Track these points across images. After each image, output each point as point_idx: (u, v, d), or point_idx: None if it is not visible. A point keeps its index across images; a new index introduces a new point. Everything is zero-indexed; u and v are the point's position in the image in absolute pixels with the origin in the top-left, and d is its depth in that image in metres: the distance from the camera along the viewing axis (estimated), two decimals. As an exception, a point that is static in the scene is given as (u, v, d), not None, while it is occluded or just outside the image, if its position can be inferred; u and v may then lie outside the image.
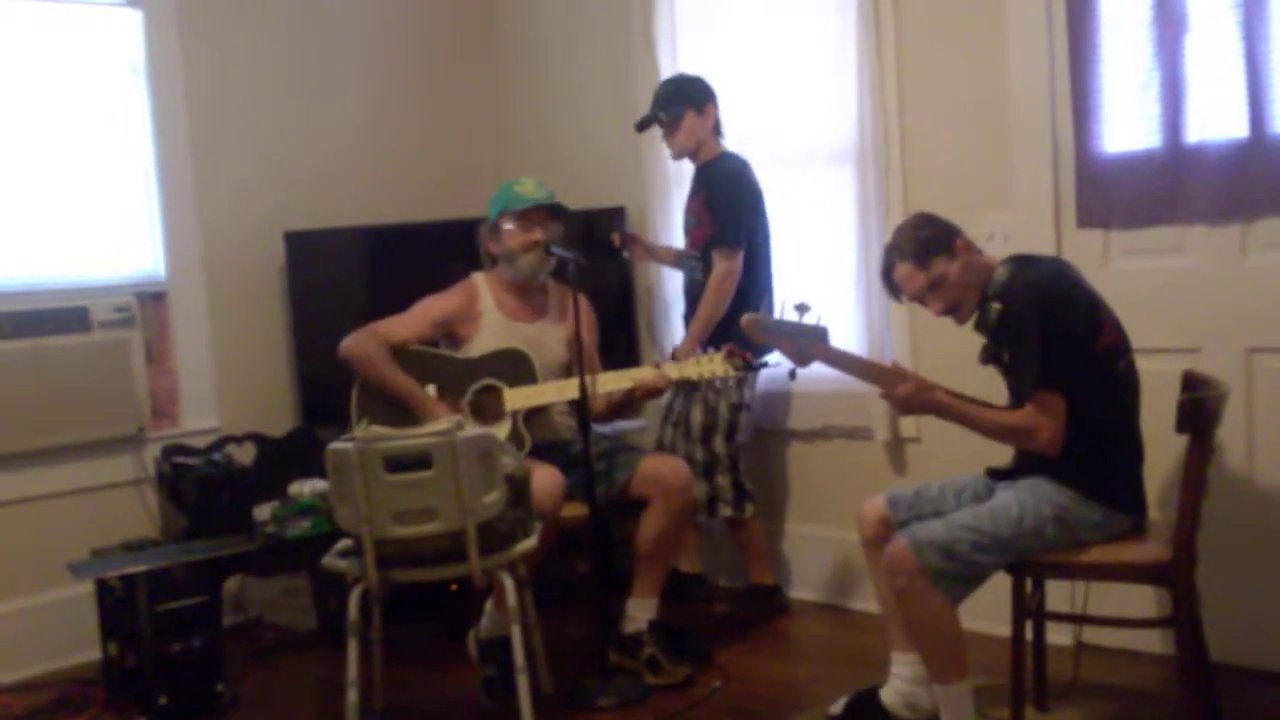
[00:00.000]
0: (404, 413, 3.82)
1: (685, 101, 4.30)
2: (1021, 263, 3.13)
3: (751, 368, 3.86)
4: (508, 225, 3.91)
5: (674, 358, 4.20)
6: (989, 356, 3.19)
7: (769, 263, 4.33)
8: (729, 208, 4.22)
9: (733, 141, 4.41)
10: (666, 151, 4.56)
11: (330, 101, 5.16)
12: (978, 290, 3.15)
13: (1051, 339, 2.97)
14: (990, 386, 3.25)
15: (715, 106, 4.33)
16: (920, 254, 3.14)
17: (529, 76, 5.47)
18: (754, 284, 4.26)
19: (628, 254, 4.60)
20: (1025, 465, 3.13)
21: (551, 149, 5.37)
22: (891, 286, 3.26)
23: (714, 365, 3.73)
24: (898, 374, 3.15)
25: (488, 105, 5.62)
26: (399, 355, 3.89)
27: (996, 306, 3.10)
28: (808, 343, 3.21)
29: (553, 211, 3.97)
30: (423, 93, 5.46)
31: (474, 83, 5.62)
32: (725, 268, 4.18)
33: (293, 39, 5.06)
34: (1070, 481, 3.00)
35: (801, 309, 3.19)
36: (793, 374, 3.30)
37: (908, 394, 3.10)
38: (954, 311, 3.19)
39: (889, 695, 3.34)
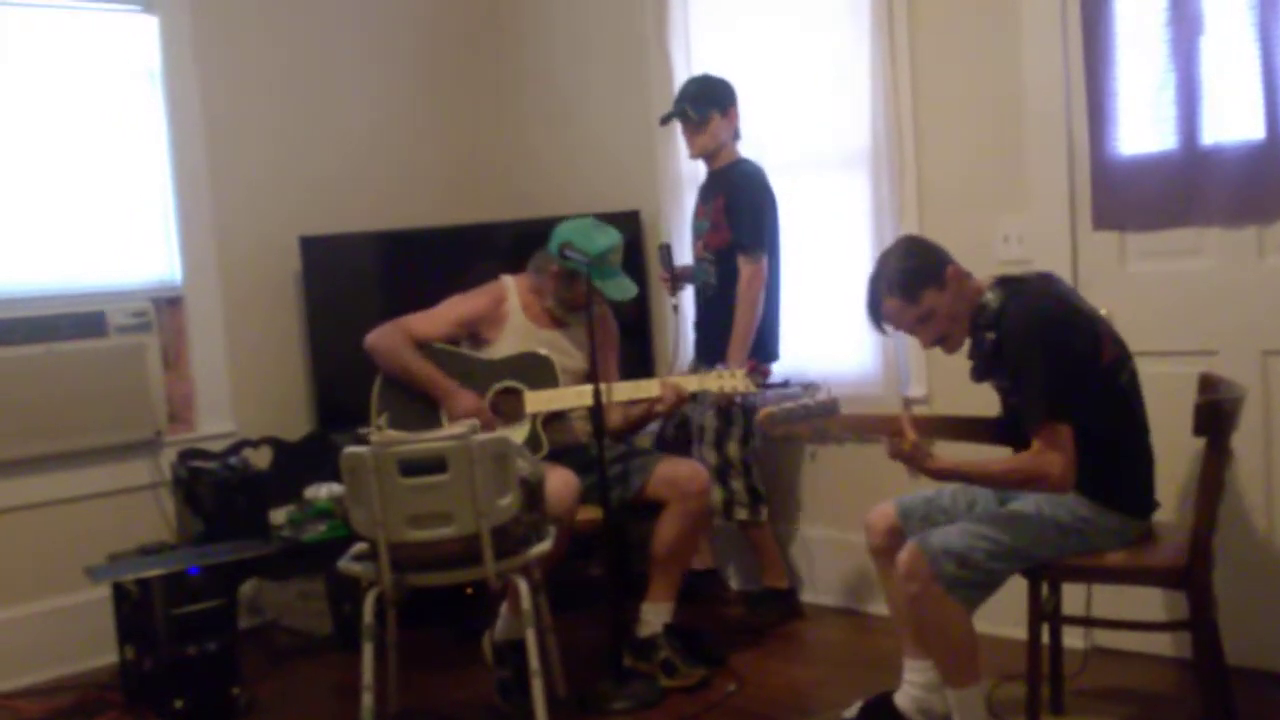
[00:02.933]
0: (425, 408, 3.83)
1: (713, 103, 4.30)
2: (1011, 288, 3.05)
3: (769, 387, 3.87)
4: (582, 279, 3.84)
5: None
6: (980, 375, 3.15)
7: (778, 270, 4.33)
8: (752, 212, 4.21)
9: (747, 145, 4.41)
10: (680, 154, 4.57)
11: (344, 106, 5.18)
12: (967, 318, 3.09)
13: (1055, 370, 2.90)
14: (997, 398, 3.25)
15: (738, 111, 4.34)
16: (909, 288, 3.05)
17: (542, 80, 5.48)
18: (772, 290, 4.26)
19: (676, 302, 4.53)
20: None
21: (565, 152, 5.38)
22: (877, 320, 3.16)
23: (735, 381, 3.73)
24: (897, 428, 3.08)
25: (501, 109, 5.63)
26: (422, 351, 3.92)
27: (990, 336, 3.04)
28: (823, 421, 3.18)
29: None
30: (436, 97, 5.48)
31: (487, 87, 5.63)
32: (751, 271, 4.17)
33: (307, 44, 5.08)
34: (1087, 492, 2.98)
35: (811, 389, 3.18)
36: (813, 454, 3.29)
37: (901, 453, 3.05)
38: (943, 342, 3.13)
39: (902, 700, 3.33)
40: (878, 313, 3.14)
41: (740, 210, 4.22)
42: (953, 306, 3.07)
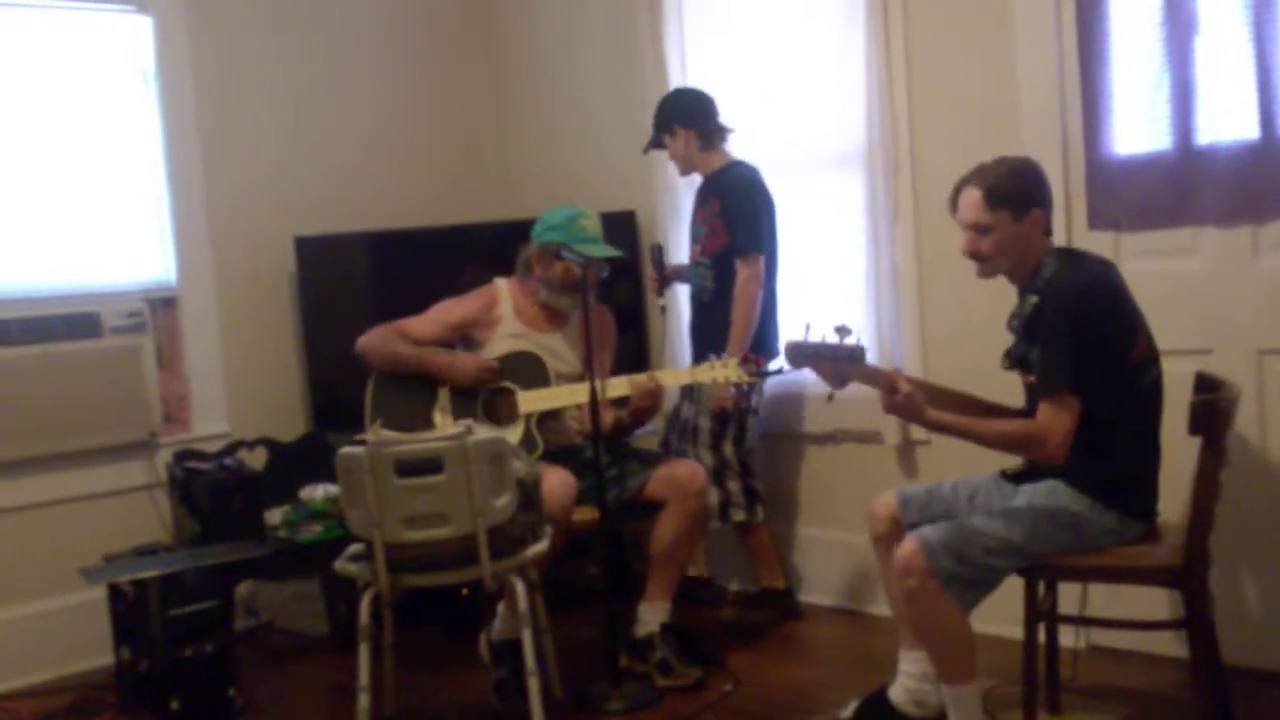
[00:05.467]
0: (419, 411, 3.83)
1: (660, 129, 4.38)
2: (1068, 260, 3.07)
3: (764, 374, 3.86)
4: (569, 257, 3.84)
5: None
6: (1014, 360, 3.15)
7: (775, 270, 4.33)
8: (748, 214, 4.21)
9: (742, 145, 4.41)
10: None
11: (340, 106, 5.18)
12: (1016, 260, 3.08)
13: (1082, 345, 2.92)
14: (1000, 392, 3.25)
15: (691, 125, 4.32)
16: (995, 195, 3.04)
17: (537, 82, 5.48)
18: (768, 289, 4.26)
19: (663, 302, 4.56)
20: (1040, 468, 3.10)
21: (559, 153, 5.38)
22: (955, 201, 3.16)
23: (728, 371, 3.73)
24: (890, 382, 3.09)
25: (496, 110, 5.63)
26: None
27: (1033, 300, 3.05)
28: (847, 365, 3.17)
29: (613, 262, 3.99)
30: (431, 97, 5.47)
31: (482, 88, 5.62)
32: (748, 273, 4.17)
33: (302, 44, 5.07)
34: (1087, 489, 2.98)
35: (842, 331, 3.13)
36: (830, 397, 3.28)
37: (895, 404, 3.06)
38: (980, 261, 3.12)
39: (897, 693, 3.34)
40: (958, 195, 3.15)
41: (736, 213, 4.22)
42: (1012, 241, 3.06)
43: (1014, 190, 3.06)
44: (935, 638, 3.06)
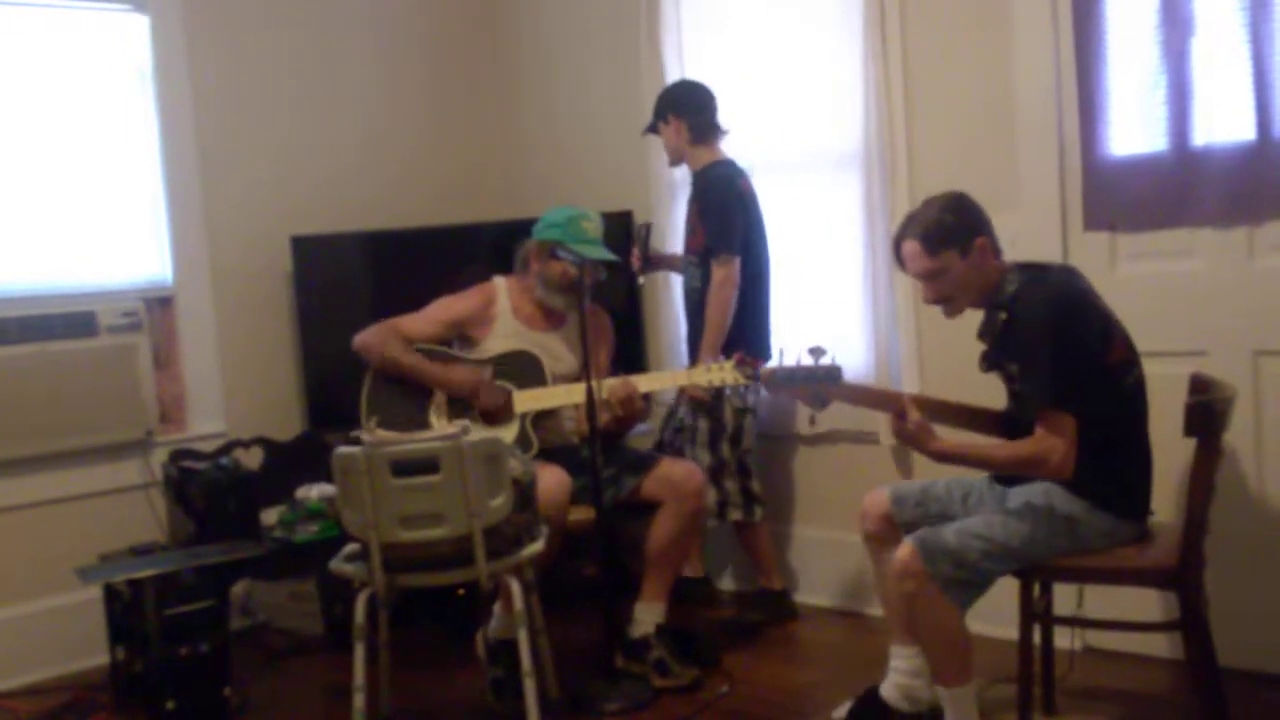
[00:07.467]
0: (415, 410, 3.83)
1: (656, 115, 4.38)
2: (1032, 274, 3.08)
3: (758, 377, 3.86)
4: (564, 255, 3.85)
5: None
6: (990, 364, 3.17)
7: (767, 270, 4.33)
8: (719, 215, 4.21)
9: (740, 146, 4.41)
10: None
11: (338, 107, 5.17)
12: (978, 291, 3.11)
13: (1062, 359, 2.92)
14: (993, 392, 3.25)
15: (683, 116, 4.31)
16: (932, 240, 3.06)
17: (536, 82, 5.48)
18: (754, 291, 4.26)
19: (643, 280, 4.57)
20: None
21: (558, 153, 5.38)
22: (899, 256, 3.19)
23: (724, 374, 3.74)
24: (900, 407, 3.09)
25: (495, 110, 5.63)
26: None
27: (1002, 316, 3.06)
28: (824, 386, 3.19)
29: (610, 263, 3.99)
30: (430, 98, 5.47)
31: (481, 88, 5.62)
32: (722, 274, 4.17)
33: (300, 43, 5.07)
34: (1081, 491, 2.99)
35: (816, 352, 3.16)
36: (812, 419, 3.29)
37: (905, 432, 3.07)
38: (944, 304, 3.15)
39: (888, 690, 3.34)
40: (899, 250, 3.16)
41: (709, 214, 4.23)
42: (967, 275, 3.08)
43: (951, 227, 3.07)
44: (934, 640, 3.06)
